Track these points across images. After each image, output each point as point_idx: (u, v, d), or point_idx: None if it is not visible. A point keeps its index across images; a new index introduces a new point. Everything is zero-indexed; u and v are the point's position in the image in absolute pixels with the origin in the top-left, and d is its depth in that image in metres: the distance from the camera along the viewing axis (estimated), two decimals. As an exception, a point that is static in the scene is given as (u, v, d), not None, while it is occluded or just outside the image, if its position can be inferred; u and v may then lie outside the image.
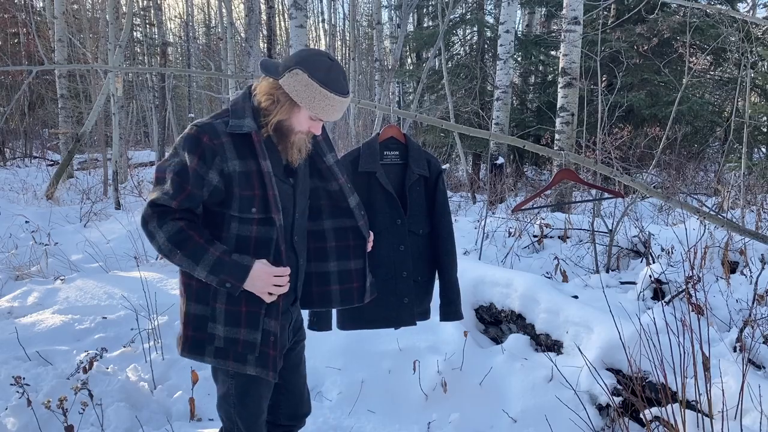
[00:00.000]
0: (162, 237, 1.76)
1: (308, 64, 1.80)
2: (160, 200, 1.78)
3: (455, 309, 2.45)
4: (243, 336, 1.85)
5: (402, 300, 2.32)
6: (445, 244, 2.42)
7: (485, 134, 4.20)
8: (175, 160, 1.82)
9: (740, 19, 7.51)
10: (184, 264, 1.78)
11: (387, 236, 2.31)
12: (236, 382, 1.94)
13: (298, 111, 1.84)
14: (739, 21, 7.75)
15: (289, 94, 1.81)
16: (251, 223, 1.82)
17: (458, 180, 11.98)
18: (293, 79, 1.80)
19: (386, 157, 2.42)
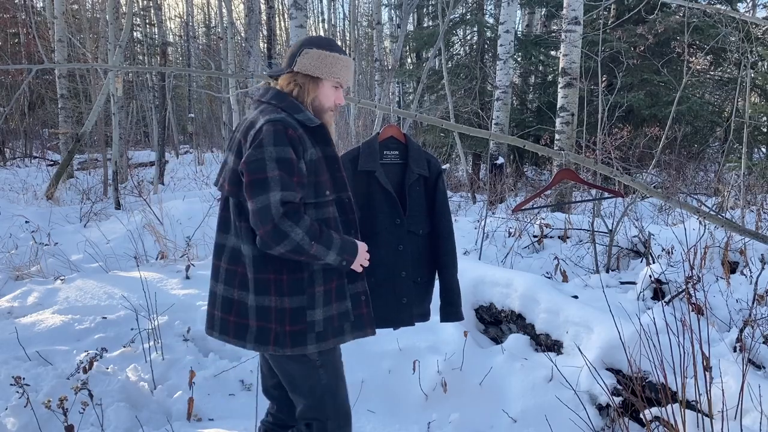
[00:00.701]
0: (300, 233, 1.82)
1: (311, 42, 2.01)
2: (287, 197, 1.82)
3: (455, 310, 2.44)
4: (335, 310, 1.96)
5: (400, 300, 2.32)
6: (445, 245, 2.42)
7: (485, 134, 4.20)
8: (268, 156, 1.83)
9: (740, 19, 7.51)
10: (318, 253, 1.86)
11: (386, 236, 2.31)
12: (327, 373, 2.03)
13: (321, 85, 2.00)
14: (739, 21, 7.75)
15: (309, 73, 1.98)
16: (327, 205, 1.96)
17: (458, 180, 11.97)
18: (305, 58, 1.97)
19: (386, 156, 2.41)
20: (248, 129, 1.92)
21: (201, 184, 11.74)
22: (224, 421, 3.03)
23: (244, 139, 1.91)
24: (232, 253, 1.97)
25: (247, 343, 1.96)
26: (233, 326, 1.97)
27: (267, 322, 1.92)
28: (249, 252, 1.91)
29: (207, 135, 22.10)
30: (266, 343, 1.93)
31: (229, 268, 1.97)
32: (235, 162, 1.92)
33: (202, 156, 17.69)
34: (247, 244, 1.92)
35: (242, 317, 1.95)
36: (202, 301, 4.18)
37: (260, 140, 1.85)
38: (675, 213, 7.00)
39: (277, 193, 1.80)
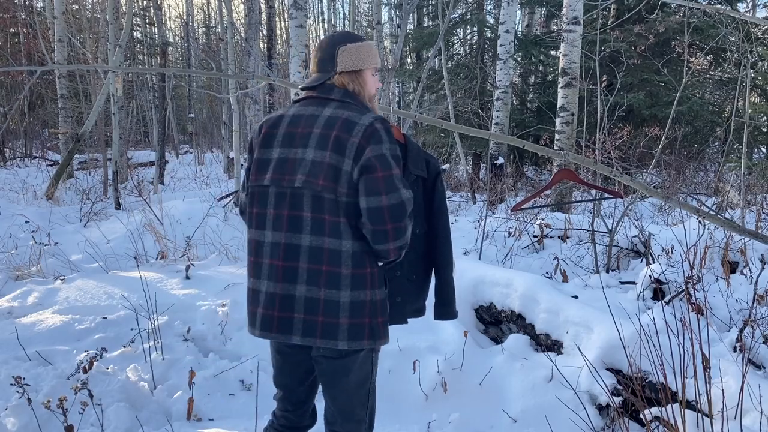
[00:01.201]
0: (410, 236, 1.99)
1: (341, 38, 2.06)
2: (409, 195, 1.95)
3: (449, 309, 2.45)
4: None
5: (395, 299, 2.33)
6: (440, 244, 2.42)
7: (485, 134, 4.20)
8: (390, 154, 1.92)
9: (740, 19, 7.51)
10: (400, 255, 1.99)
11: None
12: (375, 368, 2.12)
13: (365, 76, 2.05)
14: (739, 21, 7.75)
15: (352, 69, 2.01)
16: None
17: (458, 180, 11.97)
18: (345, 56, 2.01)
19: None
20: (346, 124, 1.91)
21: (201, 184, 11.75)
22: (224, 421, 3.03)
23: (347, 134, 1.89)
24: (313, 252, 1.92)
25: (339, 341, 1.93)
26: (321, 326, 1.93)
27: (361, 317, 1.93)
28: (350, 248, 1.91)
29: (207, 135, 22.10)
30: (360, 338, 1.94)
31: (311, 268, 1.92)
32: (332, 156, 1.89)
33: (202, 156, 17.70)
34: (348, 240, 1.91)
35: (332, 316, 1.92)
36: (202, 301, 4.18)
37: (380, 137, 1.90)
38: (675, 213, 7.00)
39: (406, 191, 1.91)
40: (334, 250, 1.90)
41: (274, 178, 1.96)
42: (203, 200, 7.54)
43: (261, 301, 1.99)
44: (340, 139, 1.89)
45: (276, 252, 1.96)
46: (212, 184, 11.49)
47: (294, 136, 1.97)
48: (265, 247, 1.98)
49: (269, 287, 1.97)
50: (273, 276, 1.96)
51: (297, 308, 1.94)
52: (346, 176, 1.88)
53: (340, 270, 1.91)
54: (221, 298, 4.14)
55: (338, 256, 1.91)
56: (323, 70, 2.03)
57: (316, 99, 2.02)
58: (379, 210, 1.86)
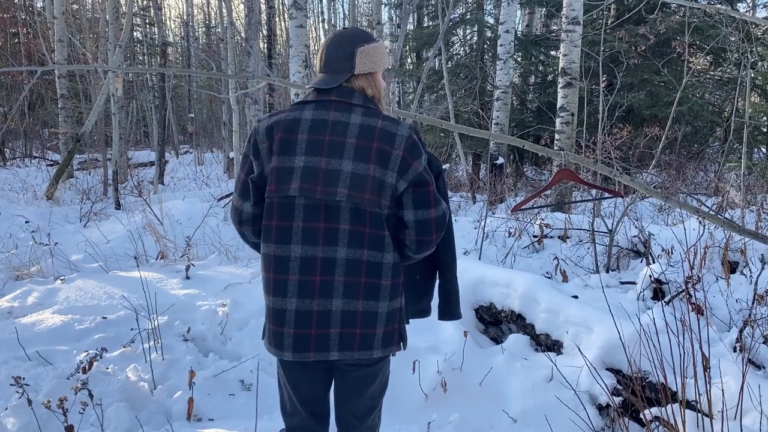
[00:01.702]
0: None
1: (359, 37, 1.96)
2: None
3: (453, 309, 2.44)
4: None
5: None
6: (443, 244, 2.42)
7: (485, 134, 4.20)
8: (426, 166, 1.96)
9: (740, 19, 7.51)
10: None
11: None
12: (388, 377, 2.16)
13: (378, 78, 2.00)
14: (739, 21, 7.75)
15: (369, 71, 1.95)
16: None
17: (458, 180, 11.97)
18: (364, 57, 1.93)
19: None
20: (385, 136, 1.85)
21: (201, 184, 11.75)
22: (224, 421, 3.03)
23: (389, 146, 1.84)
24: (350, 265, 1.86)
25: (374, 350, 1.93)
26: (359, 338, 1.90)
27: (393, 324, 1.97)
28: (391, 260, 1.92)
29: (207, 135, 22.11)
30: (391, 344, 1.98)
31: (348, 281, 1.87)
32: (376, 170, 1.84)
33: (202, 156, 17.70)
34: (389, 253, 1.91)
35: (370, 327, 1.90)
36: (202, 301, 4.18)
37: (420, 150, 1.91)
38: (675, 213, 7.00)
39: (444, 202, 2.00)
40: (375, 262, 1.87)
41: (303, 188, 1.83)
42: (203, 200, 7.54)
43: (289, 320, 1.87)
44: (382, 151, 1.83)
45: (310, 267, 1.85)
46: (212, 184, 11.49)
47: (322, 144, 1.85)
48: (292, 262, 1.86)
49: (301, 305, 1.86)
50: (306, 293, 1.86)
51: (333, 323, 1.87)
52: (390, 189, 1.86)
53: (380, 281, 1.90)
54: (221, 298, 4.14)
55: (379, 268, 1.88)
56: (338, 70, 1.91)
57: (336, 102, 1.90)
58: (427, 222, 1.91)
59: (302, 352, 1.88)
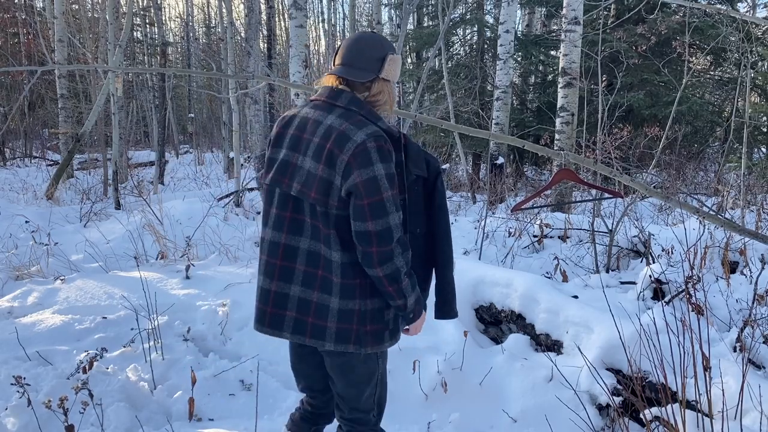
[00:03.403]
0: (402, 262, 1.91)
1: (389, 45, 2.01)
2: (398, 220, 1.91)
3: (449, 308, 2.45)
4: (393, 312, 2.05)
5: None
6: (441, 244, 2.42)
7: (485, 134, 4.20)
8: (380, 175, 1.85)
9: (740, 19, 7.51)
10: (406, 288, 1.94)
11: None
12: (383, 362, 2.14)
13: (393, 88, 2.05)
14: (739, 21, 7.75)
15: (390, 79, 2.01)
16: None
17: (458, 180, 11.97)
18: (391, 65, 1.99)
19: None
20: (339, 138, 1.86)
21: (201, 184, 11.75)
22: (224, 421, 3.03)
23: (339, 149, 1.85)
24: (311, 256, 1.96)
25: (326, 342, 1.98)
26: (311, 327, 1.99)
27: (349, 324, 1.96)
28: (338, 259, 1.92)
29: (207, 135, 22.11)
30: (346, 342, 1.97)
31: (307, 271, 1.97)
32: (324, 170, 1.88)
33: (202, 156, 17.70)
34: (336, 251, 1.92)
35: (321, 319, 1.96)
36: (202, 301, 4.19)
37: (370, 158, 1.84)
38: (675, 213, 7.00)
39: (395, 216, 1.88)
40: (328, 258, 1.94)
41: (275, 179, 1.99)
42: (203, 200, 7.54)
43: (258, 295, 2.06)
44: (332, 153, 1.87)
45: (274, 251, 2.00)
46: (212, 184, 11.49)
47: (299, 140, 1.98)
48: (264, 244, 2.04)
49: (264, 283, 2.03)
50: (269, 273, 2.02)
51: (290, 306, 2.00)
52: (337, 191, 1.87)
53: (332, 278, 1.94)
54: (221, 298, 4.14)
55: (330, 265, 1.94)
56: (365, 68, 1.96)
57: (325, 103, 1.97)
58: (366, 234, 1.85)
59: (261, 325, 2.05)
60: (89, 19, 17.19)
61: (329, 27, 23.08)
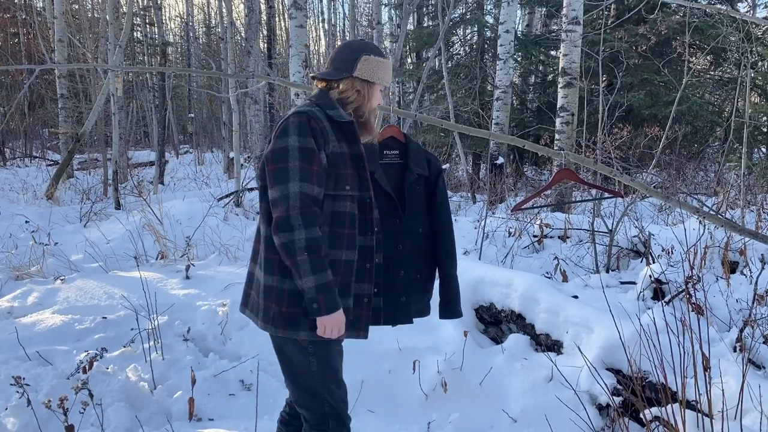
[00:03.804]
0: (303, 235, 1.85)
1: (366, 48, 2.11)
2: (305, 189, 1.87)
3: (454, 307, 2.45)
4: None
5: (399, 299, 2.33)
6: (444, 243, 2.43)
7: (485, 134, 4.20)
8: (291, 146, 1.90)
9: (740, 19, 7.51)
10: (303, 266, 1.85)
11: (385, 236, 2.32)
12: (318, 360, 2.03)
13: (374, 89, 2.11)
14: (739, 21, 7.75)
15: (368, 79, 2.08)
16: (345, 200, 1.98)
17: (458, 180, 11.97)
18: (365, 65, 2.07)
19: (386, 156, 2.41)
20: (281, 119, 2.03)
21: (201, 184, 11.75)
22: (224, 421, 3.03)
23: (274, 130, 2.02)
24: (257, 232, 2.08)
25: (258, 320, 2.01)
26: (252, 301, 2.07)
27: (270, 302, 1.96)
28: (264, 231, 1.99)
29: (207, 135, 22.10)
30: (267, 321, 1.98)
31: (254, 247, 2.09)
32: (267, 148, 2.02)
33: (202, 156, 17.70)
34: (264, 224, 2.00)
35: (257, 294, 2.03)
36: (202, 301, 4.19)
37: (285, 130, 1.93)
38: (675, 213, 7.00)
39: (296, 184, 1.87)
40: (260, 231, 2.04)
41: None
42: (203, 200, 7.54)
43: None
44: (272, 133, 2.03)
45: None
46: (212, 184, 11.49)
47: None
48: None
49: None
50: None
51: (246, 282, 2.12)
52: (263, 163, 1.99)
53: (261, 251, 2.01)
54: (221, 298, 4.14)
55: (260, 237, 2.03)
56: (339, 69, 2.09)
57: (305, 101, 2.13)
58: (271, 200, 1.91)
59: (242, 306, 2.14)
60: (89, 19, 17.19)
61: (329, 27, 23.08)
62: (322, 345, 2.01)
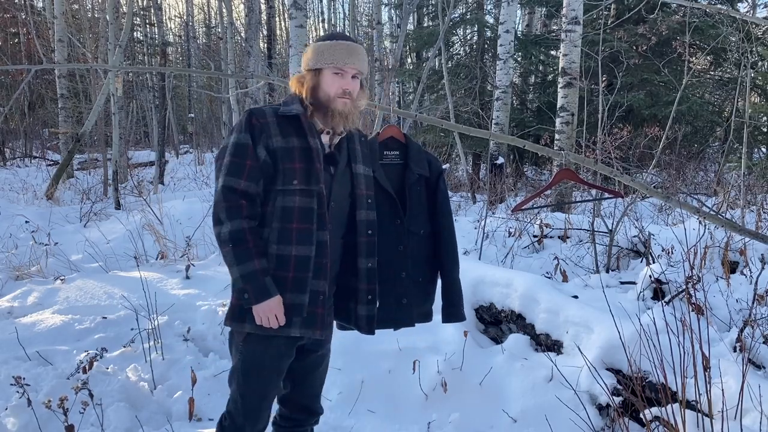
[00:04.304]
0: (227, 228, 1.91)
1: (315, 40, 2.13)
2: (228, 182, 1.93)
3: (457, 310, 2.43)
4: (288, 300, 1.95)
5: (400, 301, 2.31)
6: (446, 245, 2.41)
7: (485, 134, 4.20)
8: (229, 143, 1.98)
9: (740, 19, 7.51)
10: (228, 257, 1.92)
11: (386, 237, 2.30)
12: (243, 358, 2.03)
13: (321, 75, 2.04)
14: (739, 21, 7.75)
15: (310, 68, 2.05)
16: (294, 194, 1.97)
17: (458, 180, 11.97)
18: (308, 55, 2.07)
19: (386, 156, 2.40)
20: None
21: (201, 184, 11.74)
22: (224, 421, 3.02)
23: None
24: None
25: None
26: None
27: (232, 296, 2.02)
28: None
29: (207, 135, 22.09)
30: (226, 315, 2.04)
31: None
32: None
33: (202, 156, 17.69)
34: None
35: None
36: (202, 301, 4.19)
37: (231, 129, 2.03)
38: (675, 213, 7.00)
39: (223, 179, 1.94)
40: None
41: None
42: (203, 200, 7.54)
43: None
44: None
45: None
46: (212, 184, 11.46)
47: None
48: None
49: None
50: None
51: None
52: None
53: None
54: (221, 298, 4.14)
55: None
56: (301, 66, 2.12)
57: None
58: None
59: None
60: (89, 19, 17.19)
61: (329, 27, 23.07)
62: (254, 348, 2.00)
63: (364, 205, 2.13)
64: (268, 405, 2.09)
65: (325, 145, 2.08)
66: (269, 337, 1.97)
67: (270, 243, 1.95)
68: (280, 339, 1.99)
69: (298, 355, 2.10)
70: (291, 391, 2.16)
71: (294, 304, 1.95)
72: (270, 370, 2.03)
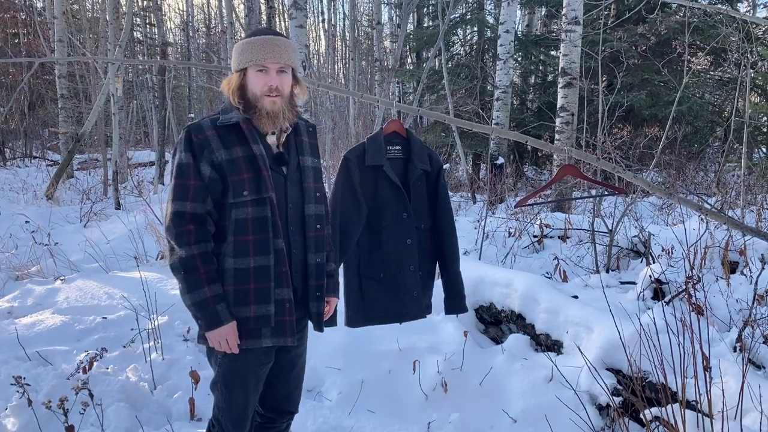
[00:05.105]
0: (177, 255, 1.91)
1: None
2: (176, 207, 1.91)
3: (459, 302, 2.45)
4: (254, 312, 1.93)
5: (411, 293, 2.32)
6: (448, 238, 2.43)
7: (487, 129, 4.20)
8: (174, 165, 1.95)
9: (740, 19, 7.51)
10: (180, 284, 1.92)
11: (394, 230, 2.31)
12: (222, 371, 2.03)
13: (246, 75, 1.97)
14: (739, 21, 7.75)
15: (235, 68, 1.98)
16: (246, 205, 1.92)
17: (458, 180, 11.97)
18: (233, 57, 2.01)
19: (389, 151, 2.41)
20: None
21: (201, 184, 11.72)
22: (224, 421, 3.02)
23: None
24: None
25: None
26: None
27: None
28: None
29: (207, 135, 22.02)
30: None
31: None
32: None
33: (202, 156, 17.66)
34: None
35: None
36: (202, 301, 4.18)
37: (174, 148, 1.99)
38: (675, 213, 7.00)
39: (170, 205, 1.92)
40: None
41: None
42: (203, 200, 7.53)
43: None
44: None
45: None
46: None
47: None
48: None
49: None
50: None
51: None
52: None
53: None
54: (221, 298, 4.13)
55: None
56: None
57: None
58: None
59: None
60: (89, 19, 17.19)
61: (329, 27, 23.08)
62: (232, 362, 1.99)
63: (312, 198, 2.06)
64: (252, 409, 2.10)
65: (273, 146, 2.00)
66: (244, 350, 1.96)
67: (227, 257, 1.92)
68: (255, 350, 1.98)
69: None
70: (264, 390, 2.13)
71: (260, 316, 1.93)
72: (250, 379, 2.03)
